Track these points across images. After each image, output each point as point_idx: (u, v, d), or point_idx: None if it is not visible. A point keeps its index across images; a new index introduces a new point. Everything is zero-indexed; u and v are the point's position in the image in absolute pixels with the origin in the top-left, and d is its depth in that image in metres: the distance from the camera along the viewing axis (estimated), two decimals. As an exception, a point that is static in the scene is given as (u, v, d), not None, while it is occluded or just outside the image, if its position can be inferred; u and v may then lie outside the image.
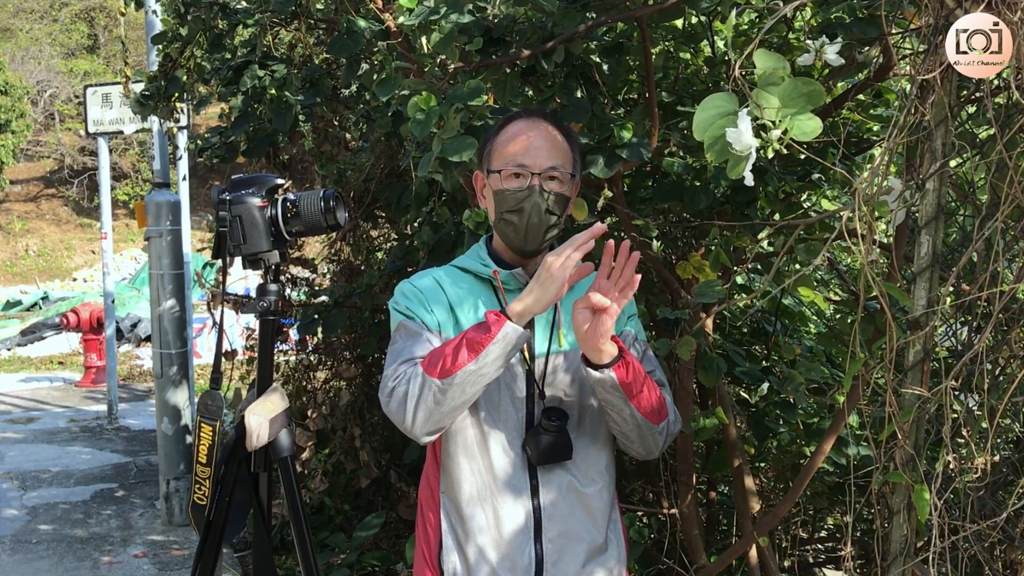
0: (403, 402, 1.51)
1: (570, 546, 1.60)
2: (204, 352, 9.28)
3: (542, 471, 1.59)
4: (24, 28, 23.52)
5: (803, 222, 1.72)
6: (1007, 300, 1.36)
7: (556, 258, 1.45)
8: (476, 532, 1.59)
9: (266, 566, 2.11)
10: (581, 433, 1.63)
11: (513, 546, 1.58)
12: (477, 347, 1.46)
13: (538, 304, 1.47)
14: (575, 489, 1.61)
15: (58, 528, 4.69)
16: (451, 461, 1.61)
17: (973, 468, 1.41)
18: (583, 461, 1.62)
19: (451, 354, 1.47)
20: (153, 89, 3.19)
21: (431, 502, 1.67)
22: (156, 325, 4.70)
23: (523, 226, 1.58)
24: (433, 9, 1.93)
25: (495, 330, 1.46)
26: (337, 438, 4.01)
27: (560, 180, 1.60)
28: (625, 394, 1.52)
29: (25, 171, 22.39)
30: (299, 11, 2.72)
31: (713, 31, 2.43)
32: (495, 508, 1.58)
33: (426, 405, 1.49)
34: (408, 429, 1.53)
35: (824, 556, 3.31)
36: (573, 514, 1.61)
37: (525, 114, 1.67)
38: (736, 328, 3.06)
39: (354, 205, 3.56)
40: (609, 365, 1.50)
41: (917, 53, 1.67)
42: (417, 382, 1.50)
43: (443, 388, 1.47)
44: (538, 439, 1.57)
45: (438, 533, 1.64)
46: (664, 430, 1.61)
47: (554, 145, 1.61)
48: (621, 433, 1.61)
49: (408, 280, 1.69)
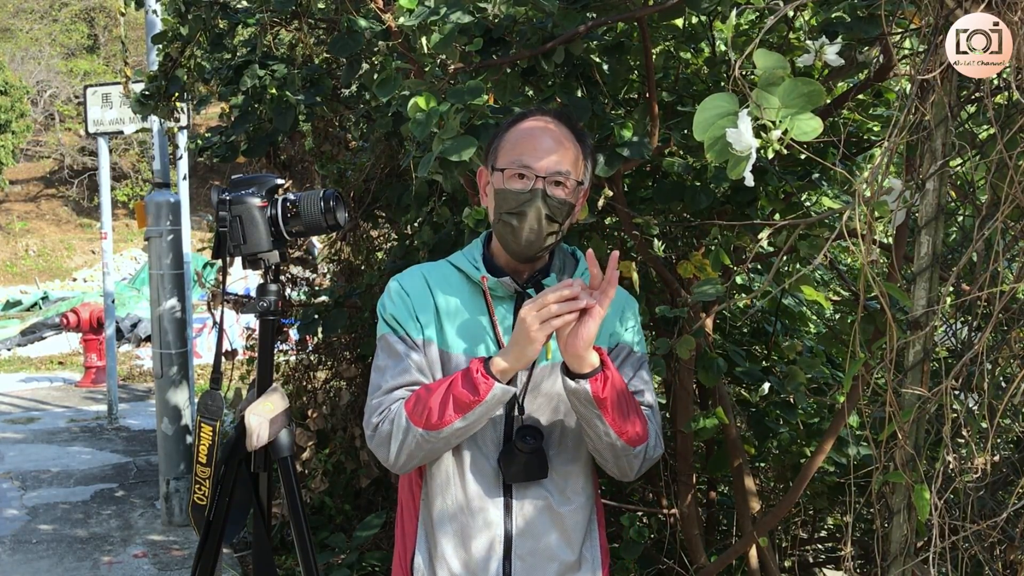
0: (387, 442, 1.51)
1: (541, 564, 1.57)
2: (204, 352, 9.28)
3: (517, 488, 1.57)
4: (24, 28, 23.52)
5: (803, 222, 1.72)
6: (1007, 300, 1.36)
7: (535, 319, 1.40)
8: (445, 545, 1.57)
9: (266, 566, 2.11)
10: (562, 450, 1.60)
11: (481, 562, 1.56)
12: (464, 408, 1.44)
13: (519, 363, 1.45)
14: (550, 508, 1.58)
15: (58, 528, 4.69)
16: (429, 473, 1.60)
17: (973, 468, 1.41)
18: (560, 479, 1.59)
19: (437, 409, 1.45)
20: (153, 89, 3.19)
21: (411, 509, 1.66)
22: (156, 325, 4.70)
23: (522, 230, 1.52)
24: (433, 9, 1.93)
25: (483, 393, 1.43)
26: (337, 438, 4.01)
27: (565, 187, 1.53)
28: (599, 410, 1.46)
29: (25, 171, 22.39)
30: (299, 11, 2.72)
31: (713, 31, 2.43)
32: (464, 523, 1.57)
33: (409, 449, 1.50)
34: (390, 466, 1.54)
35: (824, 556, 3.31)
36: (547, 533, 1.57)
37: (538, 112, 1.60)
38: (736, 328, 3.06)
39: (354, 205, 3.56)
40: (587, 376, 1.44)
41: (917, 53, 1.67)
42: (401, 427, 1.49)
43: (428, 439, 1.47)
44: (512, 458, 1.55)
45: (413, 540, 1.63)
46: (641, 454, 1.55)
47: (564, 149, 1.54)
48: (595, 450, 1.56)
49: (397, 278, 1.64)
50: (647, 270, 2.58)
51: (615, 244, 2.75)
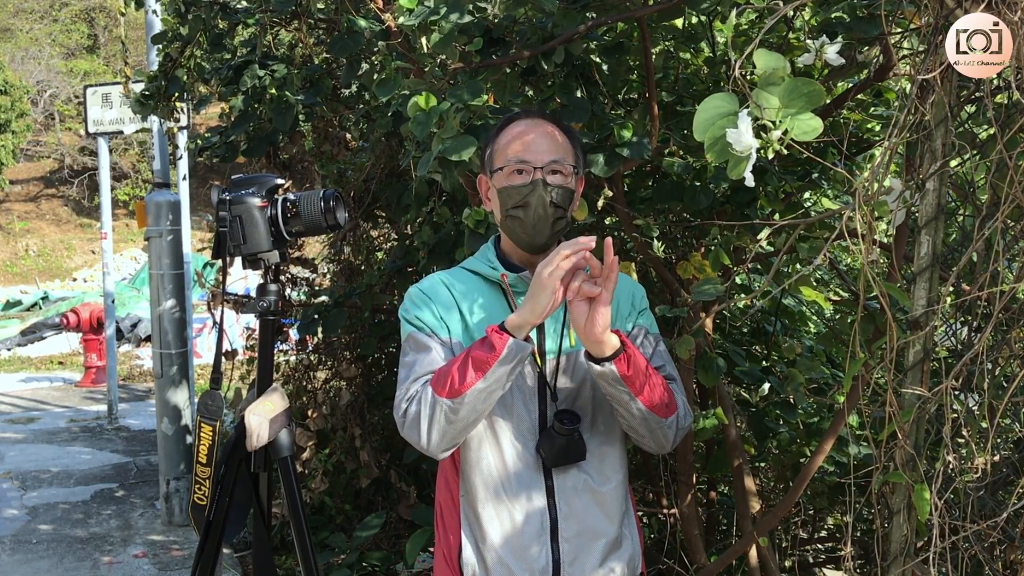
0: (416, 423, 1.53)
1: (587, 545, 1.61)
2: (204, 352, 9.28)
3: (557, 472, 1.60)
4: (24, 28, 23.52)
5: (803, 222, 1.72)
6: (1007, 300, 1.36)
7: (545, 267, 1.45)
8: (493, 534, 1.60)
9: (266, 566, 2.11)
10: (595, 432, 1.64)
11: (530, 547, 1.59)
12: (483, 366, 1.47)
13: (534, 315, 1.48)
14: (590, 488, 1.62)
15: (58, 528, 4.69)
16: (468, 464, 1.62)
17: (973, 468, 1.41)
18: (598, 460, 1.63)
19: (457, 374, 1.48)
20: (153, 89, 3.19)
21: (450, 504, 1.67)
22: (156, 325, 4.70)
23: (529, 220, 1.59)
24: (433, 9, 1.93)
25: (499, 348, 1.46)
26: (337, 438, 4.01)
27: (563, 174, 1.61)
28: (628, 388, 1.52)
29: (25, 171, 22.40)
30: (299, 11, 2.72)
31: (713, 31, 2.43)
32: (511, 510, 1.59)
33: (439, 424, 1.51)
34: (425, 448, 1.55)
35: (824, 556, 3.31)
36: (589, 513, 1.61)
37: (525, 115, 1.68)
38: (736, 328, 3.06)
39: (354, 205, 3.56)
40: (611, 358, 1.50)
41: (917, 53, 1.67)
42: (428, 402, 1.51)
43: (454, 407, 1.49)
44: (551, 442, 1.58)
45: (458, 536, 1.64)
46: (673, 424, 1.61)
47: (554, 141, 1.62)
48: (630, 428, 1.60)
49: (416, 285, 1.69)
50: (647, 270, 2.58)
51: (615, 244, 2.75)
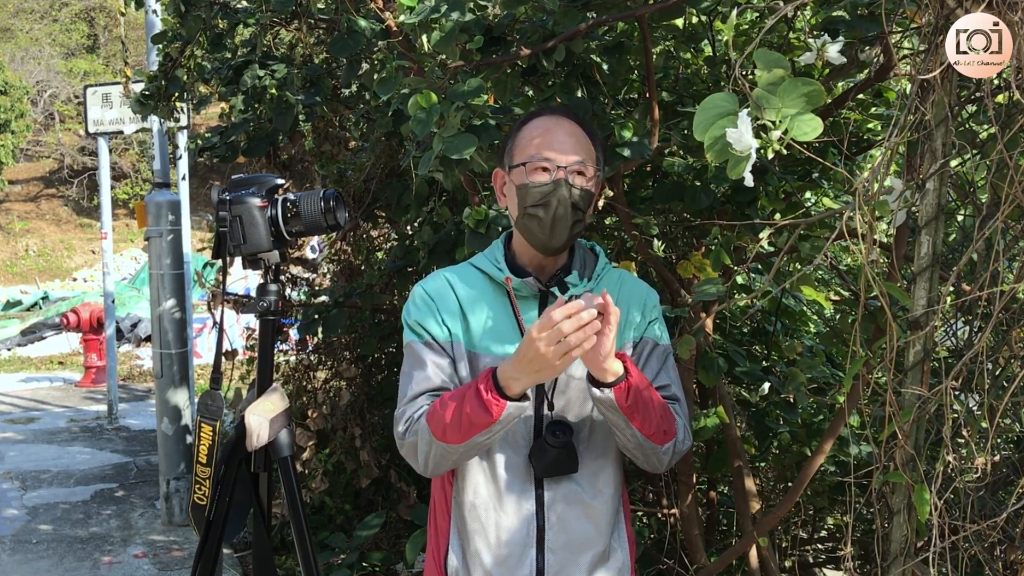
0: (414, 452, 1.56)
1: (574, 557, 1.59)
2: (204, 352, 9.28)
3: (548, 482, 1.59)
4: (24, 28, 23.51)
5: (804, 222, 1.72)
6: (1007, 300, 1.36)
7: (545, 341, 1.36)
8: (479, 540, 1.59)
9: (266, 566, 2.11)
10: (590, 445, 1.62)
11: (514, 556, 1.58)
12: (479, 427, 1.46)
13: (530, 379, 1.43)
14: (581, 500, 1.60)
15: (58, 528, 4.69)
16: (461, 469, 1.62)
17: (973, 468, 1.41)
18: (591, 473, 1.61)
19: (453, 426, 1.47)
20: (153, 89, 3.18)
21: (443, 505, 1.67)
22: (156, 325, 4.70)
23: (549, 220, 1.54)
24: (434, 8, 1.93)
25: (496, 414, 1.44)
26: (337, 438, 4.00)
27: (586, 176, 1.57)
28: (626, 415, 1.49)
29: (25, 171, 22.39)
30: (299, 11, 2.71)
31: (713, 31, 2.43)
32: (498, 517, 1.59)
33: (435, 458, 1.53)
34: (422, 473, 1.58)
35: (824, 556, 3.30)
36: (578, 524, 1.60)
37: (549, 110, 1.64)
38: (736, 328, 3.06)
39: (354, 205, 3.56)
40: (612, 385, 1.47)
41: (917, 53, 1.67)
42: (425, 439, 1.52)
43: (451, 451, 1.50)
44: (543, 452, 1.57)
45: (446, 537, 1.65)
46: (670, 450, 1.58)
47: (579, 141, 1.59)
48: (625, 448, 1.59)
49: (420, 284, 1.67)
50: (647, 270, 2.57)
51: (615, 244, 2.75)
